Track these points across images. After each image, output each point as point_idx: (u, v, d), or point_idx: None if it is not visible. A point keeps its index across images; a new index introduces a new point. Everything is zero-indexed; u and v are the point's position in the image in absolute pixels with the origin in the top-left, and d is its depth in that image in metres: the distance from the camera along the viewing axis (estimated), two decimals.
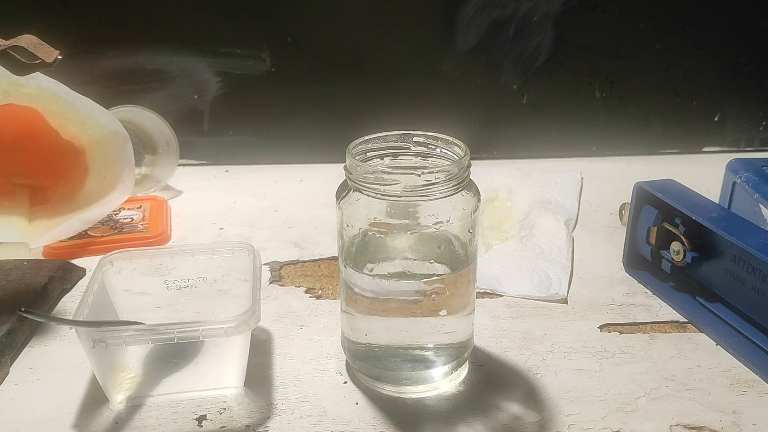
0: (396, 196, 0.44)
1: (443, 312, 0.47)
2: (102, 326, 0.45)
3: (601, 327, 0.56)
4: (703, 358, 0.52)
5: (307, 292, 0.61)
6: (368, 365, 0.49)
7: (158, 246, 0.66)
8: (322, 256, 0.67)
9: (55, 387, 0.49)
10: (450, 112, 0.86)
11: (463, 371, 0.51)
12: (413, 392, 0.49)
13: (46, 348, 0.54)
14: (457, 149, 0.46)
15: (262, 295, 0.60)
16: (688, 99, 0.87)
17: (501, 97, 0.86)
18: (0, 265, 0.61)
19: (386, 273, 0.47)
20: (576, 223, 0.72)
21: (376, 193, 0.44)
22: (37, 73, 0.59)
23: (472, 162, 0.46)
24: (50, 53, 0.55)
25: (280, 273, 0.64)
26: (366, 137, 0.48)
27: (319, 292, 0.61)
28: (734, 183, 0.62)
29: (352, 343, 0.50)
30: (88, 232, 0.69)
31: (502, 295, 0.60)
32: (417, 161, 0.48)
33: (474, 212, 0.46)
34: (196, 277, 0.54)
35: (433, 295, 0.46)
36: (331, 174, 0.55)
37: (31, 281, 0.58)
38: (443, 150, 0.47)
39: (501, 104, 0.86)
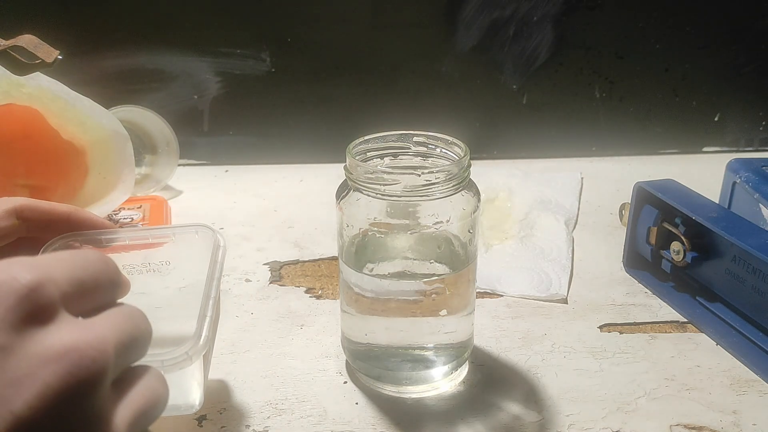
0: (396, 196, 0.44)
1: (443, 312, 0.47)
2: None
3: (601, 327, 0.56)
4: (703, 358, 0.52)
5: (307, 292, 0.61)
6: (368, 365, 0.49)
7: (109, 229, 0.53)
8: (322, 256, 0.67)
9: None
10: (450, 112, 0.86)
11: (463, 371, 0.51)
12: (413, 392, 0.49)
13: None
14: (457, 149, 0.46)
15: (263, 295, 0.60)
16: (688, 99, 0.87)
17: (501, 97, 0.86)
18: None
19: (386, 273, 0.47)
20: (576, 223, 0.72)
21: (376, 193, 0.44)
22: (37, 73, 0.59)
23: (472, 162, 0.46)
24: (50, 53, 0.55)
25: (280, 273, 0.64)
26: (366, 137, 0.48)
27: (319, 292, 0.61)
28: (734, 183, 0.62)
29: (352, 343, 0.50)
30: None
31: (502, 295, 0.60)
32: (417, 161, 0.48)
33: (474, 212, 0.46)
34: (158, 261, 0.47)
35: (433, 295, 0.46)
36: (331, 174, 0.55)
37: None
38: (443, 150, 0.47)
39: (501, 104, 0.86)
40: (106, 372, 0.26)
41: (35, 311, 0.25)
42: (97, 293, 0.29)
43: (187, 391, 0.42)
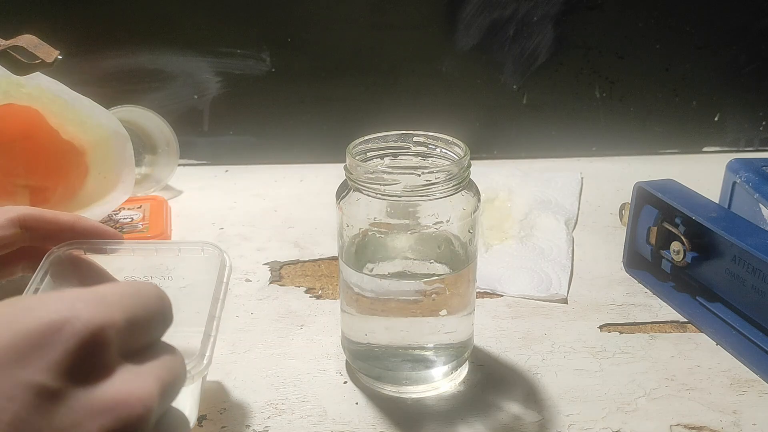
0: (396, 196, 0.44)
1: (443, 312, 0.47)
2: None
3: (601, 327, 0.56)
4: (703, 358, 0.52)
5: (307, 292, 0.61)
6: (368, 365, 0.49)
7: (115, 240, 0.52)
8: (322, 256, 0.67)
9: None
10: (450, 112, 0.86)
11: (463, 371, 0.51)
12: (413, 392, 0.49)
13: None
14: (457, 149, 0.46)
15: (263, 295, 0.60)
16: (688, 99, 0.87)
17: (501, 97, 0.86)
18: None
19: (386, 273, 0.47)
20: (576, 223, 0.72)
21: (376, 193, 0.44)
22: (37, 73, 0.59)
23: (472, 162, 0.46)
24: (50, 53, 0.55)
25: (280, 273, 0.64)
26: (366, 137, 0.48)
27: (319, 292, 0.61)
28: (734, 183, 0.62)
29: (352, 343, 0.50)
30: None
31: (502, 295, 0.60)
32: (417, 161, 0.48)
33: (474, 212, 0.46)
34: (160, 276, 0.48)
35: (433, 295, 0.46)
36: (331, 174, 0.55)
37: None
38: (443, 150, 0.47)
39: (501, 104, 0.86)
40: (148, 426, 0.25)
41: (93, 358, 0.24)
42: (149, 332, 0.29)
43: (182, 408, 0.42)
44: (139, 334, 0.28)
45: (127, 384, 0.25)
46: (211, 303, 0.42)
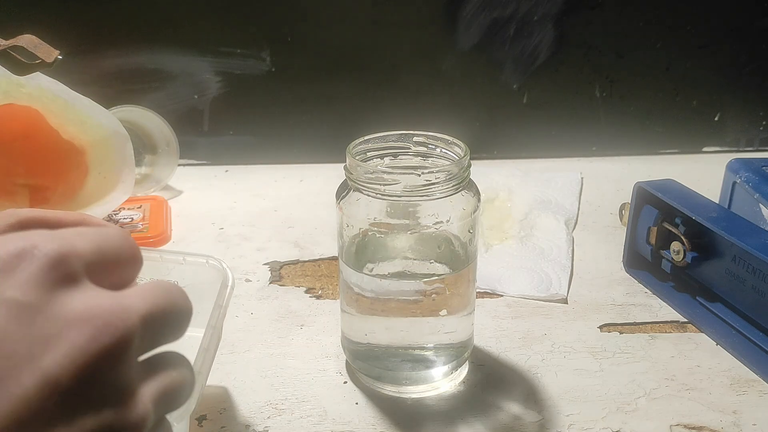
0: (396, 196, 0.44)
1: (443, 312, 0.47)
2: None
3: (601, 327, 0.56)
4: (703, 358, 0.52)
5: (307, 292, 0.61)
6: (368, 365, 0.49)
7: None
8: (322, 256, 0.67)
9: None
10: (450, 111, 0.86)
11: (463, 371, 0.51)
12: (413, 392, 0.49)
13: None
14: (457, 149, 0.47)
15: (263, 295, 0.60)
16: (688, 99, 0.87)
17: (501, 97, 0.86)
18: None
19: (386, 273, 0.47)
20: (576, 223, 0.72)
21: (376, 193, 0.44)
22: (37, 73, 0.59)
23: (472, 162, 0.46)
24: (50, 53, 0.55)
25: (280, 273, 0.64)
26: (366, 137, 0.48)
27: (319, 292, 0.61)
28: (734, 183, 0.62)
29: (352, 343, 0.50)
30: None
31: (502, 295, 0.60)
32: (417, 161, 0.48)
33: (474, 212, 0.46)
34: (161, 275, 0.47)
35: (433, 295, 0.46)
36: (331, 174, 0.55)
37: None
38: (443, 150, 0.47)
39: (501, 104, 0.86)
40: (130, 342, 0.25)
41: (60, 276, 0.25)
42: (120, 267, 0.28)
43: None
44: (109, 267, 0.27)
45: (102, 300, 0.25)
46: (205, 331, 0.41)
